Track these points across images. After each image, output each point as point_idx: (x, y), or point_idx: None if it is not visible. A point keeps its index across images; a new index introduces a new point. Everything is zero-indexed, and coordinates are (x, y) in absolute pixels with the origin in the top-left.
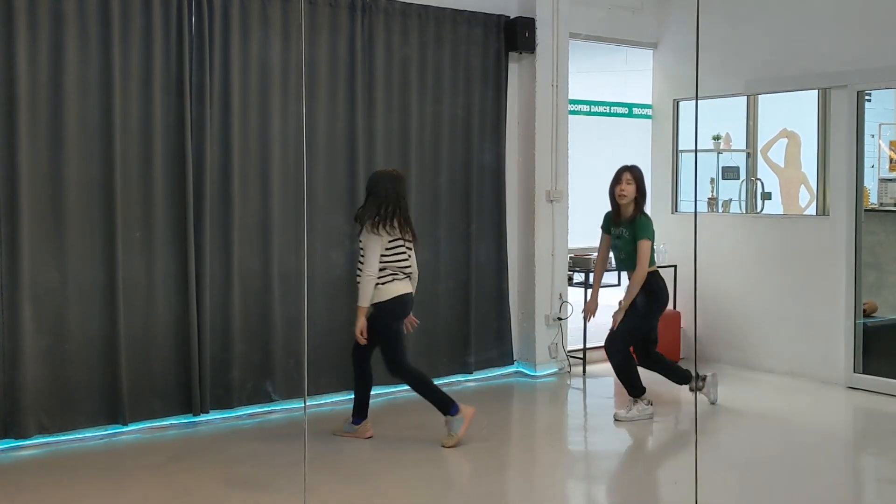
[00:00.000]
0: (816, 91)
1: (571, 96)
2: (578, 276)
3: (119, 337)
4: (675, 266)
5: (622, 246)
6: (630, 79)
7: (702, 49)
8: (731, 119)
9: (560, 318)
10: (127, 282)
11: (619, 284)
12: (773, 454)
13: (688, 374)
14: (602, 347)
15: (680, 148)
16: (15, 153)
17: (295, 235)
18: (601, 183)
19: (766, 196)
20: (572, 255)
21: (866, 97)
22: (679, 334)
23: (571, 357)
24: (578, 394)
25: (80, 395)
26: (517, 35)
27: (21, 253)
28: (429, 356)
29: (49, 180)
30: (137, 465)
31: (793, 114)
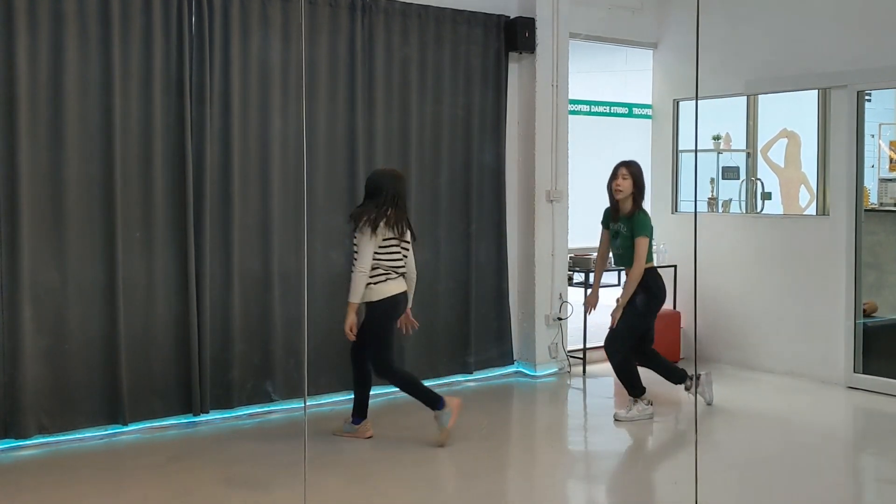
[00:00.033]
0: (816, 91)
1: (571, 96)
2: (578, 276)
3: (119, 337)
4: (675, 266)
5: (620, 242)
6: (630, 79)
7: (702, 49)
8: (731, 119)
9: (560, 318)
10: (127, 282)
11: (618, 284)
12: (773, 454)
13: (683, 373)
14: (602, 347)
15: (680, 148)
16: (15, 153)
17: (295, 235)
18: (601, 183)
19: (766, 196)
20: (572, 255)
21: (866, 97)
22: (679, 334)
23: (571, 357)
24: (578, 394)
25: (80, 395)
26: (517, 35)
27: (21, 253)
28: (429, 356)
29: (49, 180)
30: (137, 465)
31: (793, 114)
